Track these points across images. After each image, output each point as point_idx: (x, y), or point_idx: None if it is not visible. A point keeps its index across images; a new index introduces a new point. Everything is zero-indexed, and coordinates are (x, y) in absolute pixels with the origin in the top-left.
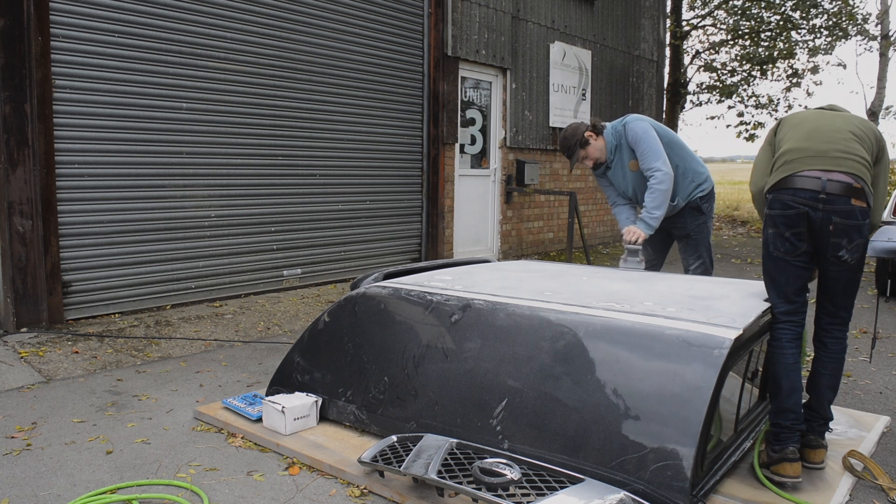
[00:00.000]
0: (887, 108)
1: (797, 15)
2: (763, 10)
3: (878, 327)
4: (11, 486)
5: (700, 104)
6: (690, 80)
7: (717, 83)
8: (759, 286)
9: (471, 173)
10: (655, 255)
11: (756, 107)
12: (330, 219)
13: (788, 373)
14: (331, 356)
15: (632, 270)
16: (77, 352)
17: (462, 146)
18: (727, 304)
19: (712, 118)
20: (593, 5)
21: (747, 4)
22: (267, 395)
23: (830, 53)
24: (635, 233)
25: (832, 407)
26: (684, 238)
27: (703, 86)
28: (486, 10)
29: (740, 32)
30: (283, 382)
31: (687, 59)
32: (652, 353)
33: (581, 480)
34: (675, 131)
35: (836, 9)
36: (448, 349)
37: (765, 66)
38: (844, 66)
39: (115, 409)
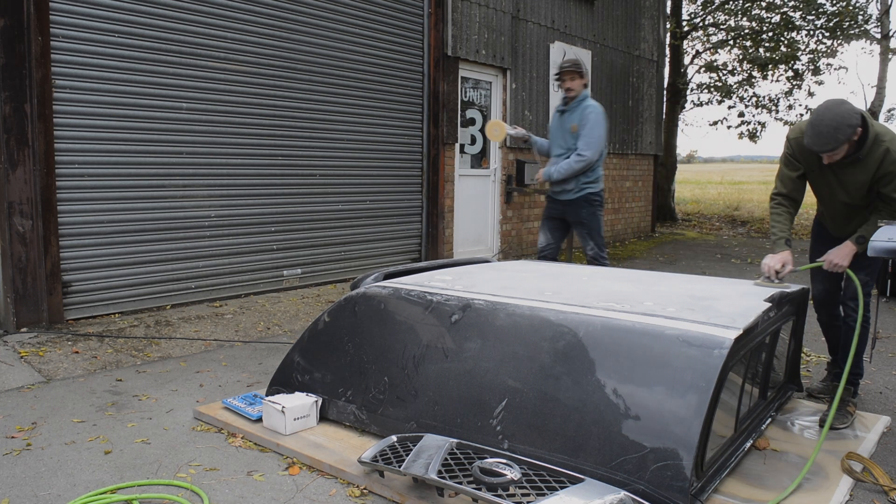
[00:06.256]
0: (889, 111)
1: (797, 16)
2: (763, 11)
3: (878, 327)
4: (11, 486)
5: (700, 104)
6: (691, 80)
7: (718, 83)
8: (759, 286)
9: (471, 173)
10: (554, 240)
11: (756, 107)
12: (330, 219)
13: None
14: (331, 356)
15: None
16: (77, 352)
17: (462, 146)
18: (727, 304)
19: (715, 123)
20: (593, 5)
21: (747, 5)
22: (267, 395)
23: (834, 56)
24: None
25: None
26: (577, 224)
27: (704, 86)
28: (486, 10)
29: (741, 34)
30: (283, 382)
31: (687, 60)
32: (652, 353)
33: (581, 480)
34: (675, 132)
35: (837, 9)
36: (448, 349)
37: (765, 70)
38: (846, 69)
39: (115, 409)
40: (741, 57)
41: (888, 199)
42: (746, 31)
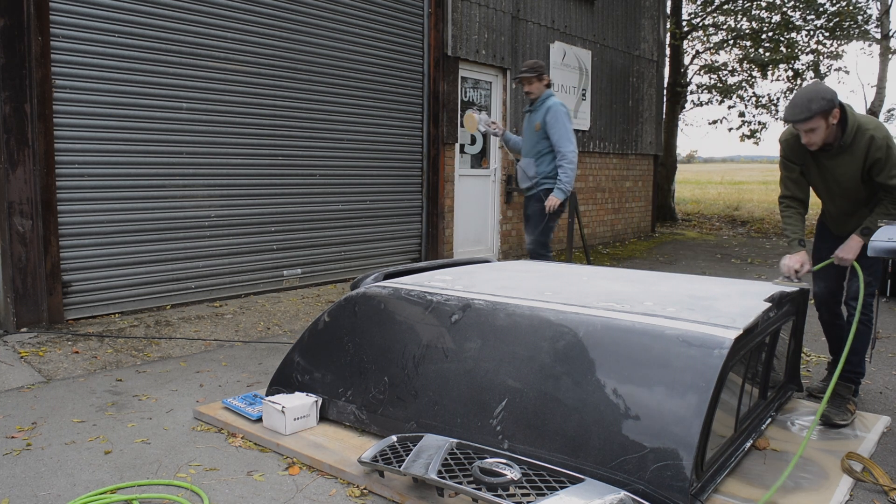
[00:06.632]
0: (889, 111)
1: (797, 16)
2: (763, 11)
3: (878, 327)
4: (11, 486)
5: (700, 104)
6: (691, 80)
7: (718, 83)
8: (760, 286)
9: (471, 173)
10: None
11: (757, 107)
12: (330, 219)
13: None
14: (331, 356)
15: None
16: (77, 352)
17: (462, 146)
18: (727, 304)
19: (714, 122)
20: (593, 5)
21: (747, 5)
22: (267, 395)
23: (839, 58)
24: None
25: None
26: (529, 216)
27: (704, 86)
28: (486, 10)
29: (741, 34)
30: (283, 382)
31: (687, 60)
32: (652, 353)
33: (581, 480)
34: (675, 132)
35: (837, 9)
36: (448, 349)
37: (765, 70)
38: (847, 72)
39: (115, 409)
40: (741, 57)
41: (887, 187)
42: (746, 31)
